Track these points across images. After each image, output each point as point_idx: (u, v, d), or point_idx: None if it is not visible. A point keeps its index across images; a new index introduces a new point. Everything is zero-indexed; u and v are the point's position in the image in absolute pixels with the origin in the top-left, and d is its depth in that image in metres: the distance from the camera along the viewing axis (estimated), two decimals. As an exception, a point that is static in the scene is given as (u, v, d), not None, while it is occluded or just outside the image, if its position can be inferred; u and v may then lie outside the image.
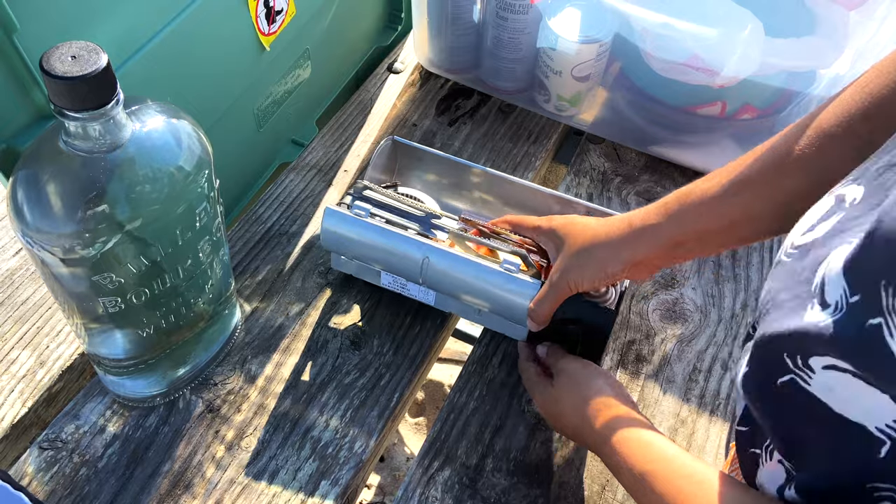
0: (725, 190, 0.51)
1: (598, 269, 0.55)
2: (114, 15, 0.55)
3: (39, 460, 0.59)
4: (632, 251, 0.54)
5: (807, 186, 0.47)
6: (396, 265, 0.64)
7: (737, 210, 0.50)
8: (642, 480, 0.47)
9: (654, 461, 0.48)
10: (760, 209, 0.50)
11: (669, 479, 0.46)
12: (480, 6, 0.84)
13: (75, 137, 0.43)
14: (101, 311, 0.51)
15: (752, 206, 0.50)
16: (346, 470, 0.60)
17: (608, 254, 0.55)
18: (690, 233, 0.52)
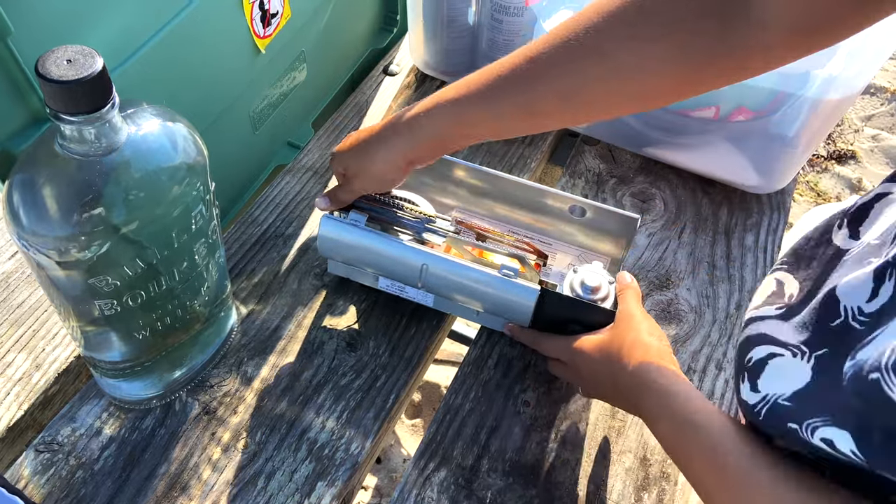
0: (479, 92, 0.55)
1: (387, 185, 0.62)
2: (109, 19, 0.55)
3: (35, 463, 0.59)
4: (405, 153, 0.59)
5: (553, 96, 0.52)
6: (394, 271, 0.65)
7: (487, 111, 0.55)
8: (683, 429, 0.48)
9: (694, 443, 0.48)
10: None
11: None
12: (475, 9, 0.85)
13: (71, 141, 0.44)
14: (97, 313, 0.51)
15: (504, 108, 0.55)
16: (343, 471, 0.61)
17: (391, 172, 0.61)
18: (452, 128, 0.57)
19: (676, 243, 0.80)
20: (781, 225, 0.82)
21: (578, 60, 0.50)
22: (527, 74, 0.53)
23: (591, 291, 0.62)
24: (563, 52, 0.51)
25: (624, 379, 0.54)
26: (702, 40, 0.47)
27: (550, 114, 0.55)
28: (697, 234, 0.81)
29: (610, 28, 0.49)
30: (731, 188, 0.85)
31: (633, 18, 0.48)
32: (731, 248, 0.79)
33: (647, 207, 0.83)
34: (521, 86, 0.53)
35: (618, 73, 0.50)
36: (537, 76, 0.52)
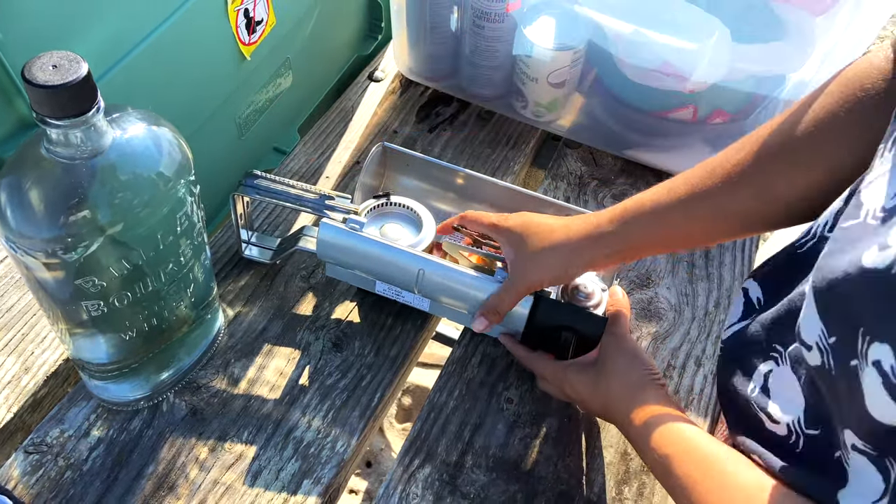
0: (678, 202, 0.54)
1: (559, 269, 0.58)
2: (96, 26, 0.56)
3: (25, 464, 0.60)
4: (591, 254, 0.57)
5: (754, 203, 0.52)
6: (391, 275, 0.66)
7: (684, 221, 0.55)
8: (664, 461, 0.50)
9: (674, 444, 0.50)
10: (711, 221, 0.54)
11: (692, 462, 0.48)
12: (458, 15, 0.86)
13: (57, 144, 0.45)
14: (84, 315, 0.52)
15: (703, 218, 0.54)
16: (329, 469, 0.62)
17: (569, 256, 0.58)
18: (643, 240, 0.56)
19: (657, 243, 0.81)
20: (759, 224, 0.84)
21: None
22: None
23: (585, 298, 0.64)
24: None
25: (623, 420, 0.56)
26: None
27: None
28: (677, 234, 0.82)
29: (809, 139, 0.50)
30: (710, 189, 0.86)
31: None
32: (710, 248, 0.81)
33: (628, 208, 0.84)
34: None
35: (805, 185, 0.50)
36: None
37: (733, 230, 0.56)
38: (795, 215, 0.52)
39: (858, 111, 0.47)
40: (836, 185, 0.48)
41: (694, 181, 0.54)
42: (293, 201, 0.68)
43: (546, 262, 0.59)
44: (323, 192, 0.69)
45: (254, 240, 0.75)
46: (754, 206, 0.52)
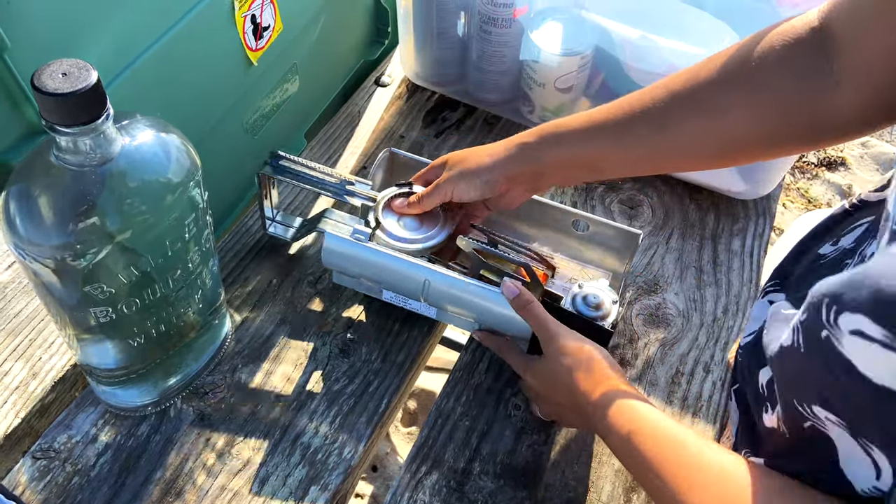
0: (585, 129, 0.59)
1: (483, 189, 0.63)
2: (103, 33, 0.56)
3: (33, 470, 0.60)
4: (512, 166, 0.62)
5: (648, 141, 0.56)
6: (397, 285, 0.66)
7: (589, 145, 0.59)
8: (628, 441, 0.50)
9: (637, 421, 0.50)
10: (611, 149, 0.59)
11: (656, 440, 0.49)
12: (465, 20, 0.86)
13: (66, 152, 0.45)
14: (92, 321, 0.52)
15: (606, 145, 0.58)
16: (336, 475, 0.61)
17: (491, 170, 0.63)
18: (558, 157, 0.60)
19: (664, 249, 0.81)
20: (767, 230, 0.84)
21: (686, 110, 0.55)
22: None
23: (594, 308, 0.63)
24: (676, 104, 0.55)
25: (587, 407, 0.55)
26: (780, 100, 0.51)
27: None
28: (685, 240, 0.82)
29: (712, 84, 0.53)
30: (718, 194, 0.86)
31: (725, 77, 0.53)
32: (718, 253, 0.81)
33: (636, 214, 0.84)
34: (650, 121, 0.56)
35: (712, 125, 0.54)
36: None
37: (632, 161, 0.60)
38: (695, 161, 0.58)
39: (780, 63, 0.50)
40: (745, 138, 0.53)
41: (609, 110, 0.58)
42: (314, 184, 0.70)
43: (471, 181, 0.63)
44: (344, 178, 0.69)
45: (278, 218, 0.76)
46: (658, 143, 0.56)
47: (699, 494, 0.44)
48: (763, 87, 0.50)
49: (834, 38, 0.47)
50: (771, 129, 0.52)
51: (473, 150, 0.65)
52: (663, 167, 0.69)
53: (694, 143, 0.55)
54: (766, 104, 0.51)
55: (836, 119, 0.49)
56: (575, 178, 0.66)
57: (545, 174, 0.62)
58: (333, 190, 0.69)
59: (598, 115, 0.59)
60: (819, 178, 2.09)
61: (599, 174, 0.68)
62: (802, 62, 0.48)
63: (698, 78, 0.53)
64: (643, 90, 0.57)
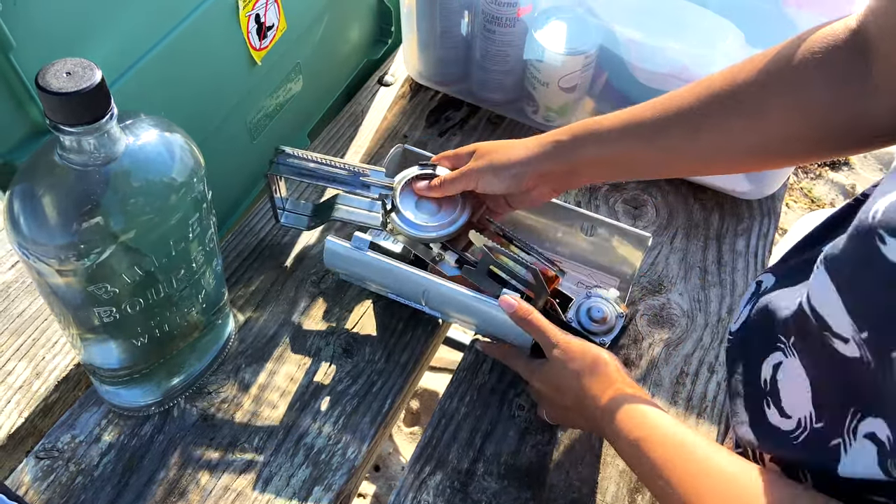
0: (620, 129, 0.58)
1: (510, 182, 0.62)
2: (108, 33, 0.56)
3: (36, 469, 0.60)
4: (545, 164, 0.61)
5: (684, 142, 0.56)
6: (399, 291, 0.67)
7: (622, 151, 0.58)
8: (637, 447, 0.49)
9: (646, 427, 0.50)
10: (644, 154, 0.58)
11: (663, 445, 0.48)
12: (468, 20, 0.86)
13: (70, 151, 0.45)
14: (96, 321, 0.52)
15: (638, 147, 0.58)
16: (339, 475, 0.61)
17: (520, 169, 0.62)
18: (592, 157, 0.60)
19: (668, 249, 0.81)
20: (772, 230, 0.84)
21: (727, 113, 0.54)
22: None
23: (598, 322, 0.63)
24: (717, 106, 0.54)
25: (593, 411, 0.55)
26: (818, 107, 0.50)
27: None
28: (689, 240, 0.82)
29: (752, 85, 0.52)
30: (722, 194, 0.86)
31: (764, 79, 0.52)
32: (723, 254, 0.81)
33: (639, 214, 0.84)
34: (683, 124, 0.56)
35: (751, 126, 0.53)
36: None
37: (666, 162, 0.60)
38: (732, 163, 0.58)
39: (819, 66, 0.49)
40: (784, 140, 0.52)
41: (644, 110, 0.57)
42: (326, 179, 0.68)
43: (501, 174, 0.62)
44: (356, 168, 0.68)
45: (288, 206, 0.74)
46: (694, 144, 0.56)
47: (708, 501, 0.44)
48: (802, 90, 0.50)
49: (871, 43, 0.46)
50: (809, 132, 0.51)
51: (505, 143, 0.64)
52: (698, 169, 0.68)
53: (731, 144, 0.54)
54: (805, 106, 0.50)
55: (874, 123, 0.48)
56: (606, 178, 0.65)
57: (576, 173, 0.62)
58: (347, 182, 0.68)
59: (633, 115, 0.58)
60: (822, 178, 2.08)
61: (632, 174, 0.67)
62: (842, 66, 0.48)
63: (737, 79, 0.53)
64: (679, 90, 0.56)
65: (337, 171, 0.68)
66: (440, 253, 0.66)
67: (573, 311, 0.63)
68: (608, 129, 0.59)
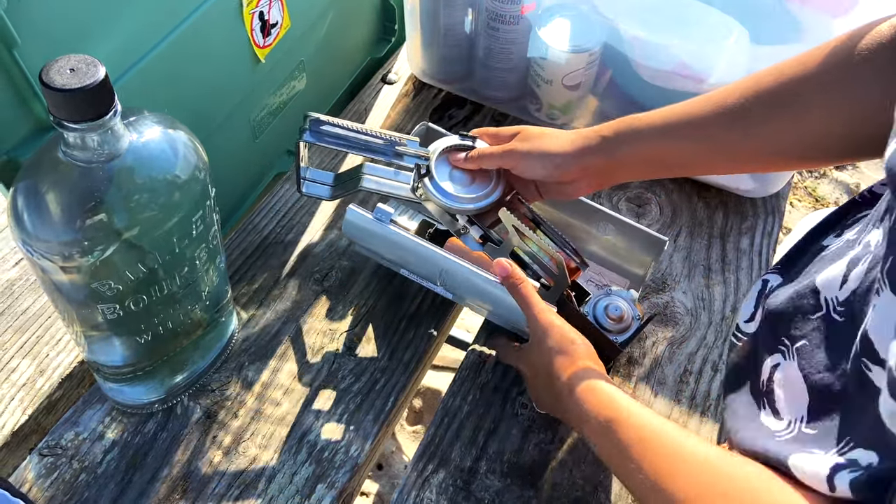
0: (664, 125, 0.58)
1: (551, 171, 0.62)
2: (112, 29, 0.56)
3: (39, 467, 0.60)
4: (586, 159, 0.61)
5: (729, 138, 0.55)
6: (416, 269, 0.66)
7: (665, 148, 0.58)
8: (608, 428, 0.50)
9: (618, 409, 0.50)
10: (688, 150, 0.58)
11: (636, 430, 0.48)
12: (472, 17, 0.86)
13: (74, 148, 0.45)
14: (99, 318, 0.52)
15: (682, 144, 0.57)
16: (342, 473, 0.61)
17: (564, 159, 0.61)
18: (635, 153, 0.59)
19: (672, 247, 0.80)
20: (776, 228, 0.83)
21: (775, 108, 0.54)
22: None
23: (615, 320, 0.62)
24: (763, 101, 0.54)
25: (565, 396, 0.55)
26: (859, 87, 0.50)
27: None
28: (693, 238, 0.81)
29: (798, 82, 0.52)
30: (726, 192, 0.85)
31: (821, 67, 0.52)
32: (727, 252, 0.80)
33: (643, 212, 0.84)
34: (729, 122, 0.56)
35: (796, 124, 0.53)
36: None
37: (709, 159, 0.59)
38: (775, 161, 0.57)
39: (866, 64, 0.48)
40: (827, 138, 0.51)
41: (688, 106, 0.57)
42: (360, 148, 0.66)
43: (544, 163, 0.62)
44: (391, 137, 0.66)
45: (309, 175, 0.71)
46: (737, 142, 0.55)
47: (682, 482, 0.43)
48: (848, 87, 0.49)
49: None
50: (854, 130, 0.51)
51: (551, 131, 0.63)
52: (741, 167, 0.66)
53: (776, 142, 0.54)
54: (851, 105, 0.50)
55: None
56: (647, 175, 0.65)
57: (618, 169, 0.61)
58: (381, 152, 0.66)
59: (678, 111, 0.58)
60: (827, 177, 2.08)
61: (674, 171, 0.67)
62: (889, 64, 0.47)
63: (783, 75, 0.52)
64: (725, 87, 0.56)
65: (372, 140, 0.66)
66: (465, 226, 0.65)
67: (590, 305, 0.63)
68: (653, 125, 0.58)
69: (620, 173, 0.63)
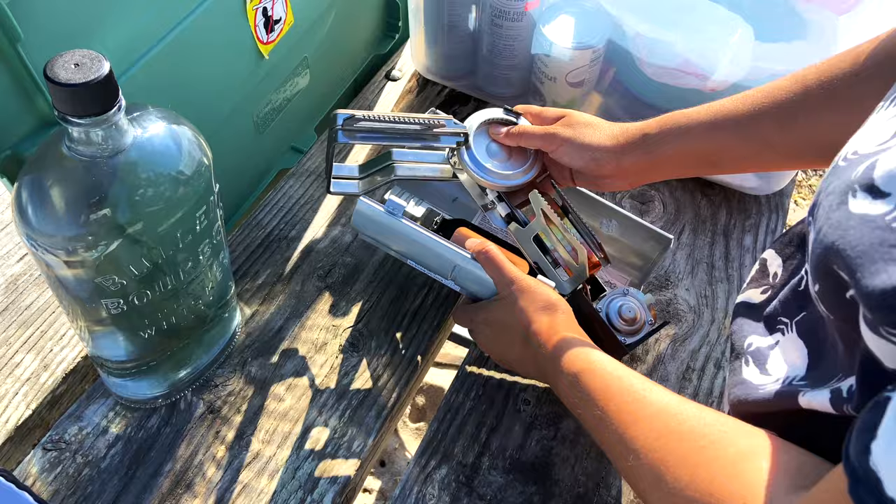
0: (710, 121, 0.57)
1: (589, 163, 0.62)
2: (116, 24, 0.56)
3: (43, 461, 0.60)
4: (628, 157, 0.61)
5: (776, 134, 0.55)
6: (426, 263, 0.65)
7: (712, 145, 0.58)
8: (576, 379, 0.50)
9: (589, 362, 0.51)
10: (734, 146, 0.57)
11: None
12: (476, 14, 0.86)
13: (78, 143, 0.45)
14: (103, 313, 0.52)
15: (728, 140, 0.57)
16: (345, 469, 0.61)
17: (603, 155, 0.61)
18: (678, 149, 0.59)
19: (675, 244, 0.80)
20: (780, 226, 0.83)
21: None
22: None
23: (627, 321, 0.62)
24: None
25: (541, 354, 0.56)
26: None
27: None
28: (696, 235, 0.81)
29: (847, 76, 0.52)
30: (730, 190, 0.85)
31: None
32: (730, 249, 0.80)
33: (647, 209, 0.84)
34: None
35: (846, 119, 0.51)
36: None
37: (755, 156, 0.58)
38: (825, 158, 0.53)
39: None
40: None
41: (734, 102, 0.57)
42: (396, 138, 0.64)
43: (584, 154, 0.61)
44: (426, 120, 0.64)
45: (334, 172, 0.68)
46: (786, 138, 0.55)
47: (644, 428, 0.44)
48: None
49: None
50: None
51: (596, 121, 0.63)
52: (788, 163, 0.65)
53: (822, 137, 0.53)
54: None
55: None
56: (684, 173, 0.65)
57: (657, 168, 0.61)
58: (419, 137, 0.64)
59: (724, 107, 0.57)
60: (831, 176, 2.07)
61: (717, 169, 0.67)
62: None
63: (832, 70, 0.52)
64: (772, 83, 0.56)
65: (408, 127, 0.63)
66: (493, 201, 0.65)
67: (604, 302, 0.63)
68: (698, 121, 0.58)
69: (658, 172, 0.62)
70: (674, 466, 0.41)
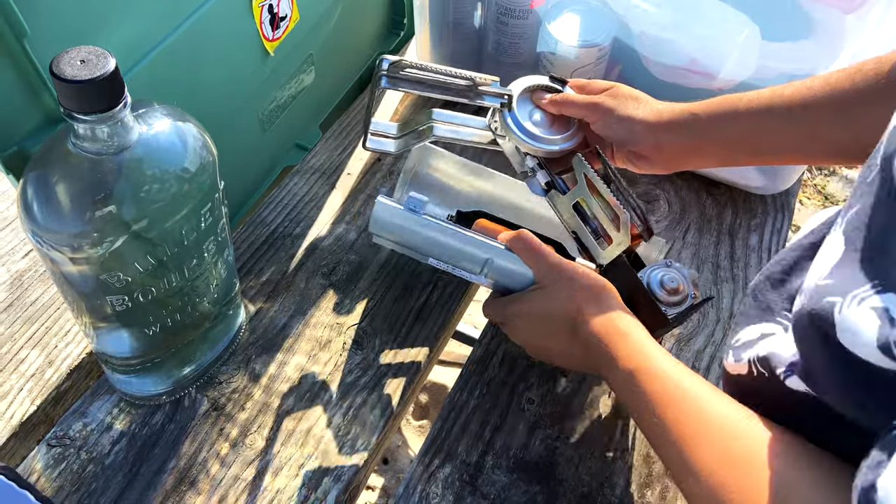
0: (763, 107, 0.56)
1: (626, 136, 0.61)
2: (122, 21, 0.56)
3: (47, 457, 0.60)
4: (660, 136, 0.60)
5: (830, 124, 0.53)
6: (455, 260, 0.63)
7: (761, 130, 0.56)
8: (631, 378, 0.49)
9: (646, 359, 0.49)
10: (784, 133, 0.56)
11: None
12: (481, 11, 0.86)
13: (84, 139, 0.45)
14: (108, 309, 0.52)
15: (778, 128, 0.56)
16: (348, 467, 0.61)
17: (644, 134, 0.61)
18: (720, 135, 0.58)
19: (681, 244, 0.80)
20: (786, 226, 0.83)
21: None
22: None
23: (670, 292, 0.59)
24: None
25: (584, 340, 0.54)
26: None
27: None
28: (702, 235, 0.81)
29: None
30: (736, 189, 0.85)
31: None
32: (736, 249, 0.80)
33: (652, 208, 0.83)
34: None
35: None
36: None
37: (803, 146, 0.57)
38: (856, 151, 0.52)
39: None
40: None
41: (787, 90, 0.55)
42: (440, 90, 0.63)
43: (624, 127, 0.61)
44: (472, 77, 0.63)
45: (372, 128, 0.68)
46: (827, 128, 0.54)
47: (706, 449, 0.42)
48: None
49: None
50: None
51: (644, 97, 0.63)
52: (837, 157, 0.62)
53: (877, 131, 0.53)
54: None
55: None
56: (723, 162, 0.63)
57: (699, 152, 0.60)
58: (463, 93, 0.63)
59: (777, 93, 0.56)
60: (836, 175, 2.07)
61: (761, 157, 0.65)
62: None
63: (892, 59, 0.51)
64: (825, 74, 0.54)
65: (454, 81, 0.62)
66: (533, 169, 0.63)
67: (645, 272, 0.60)
68: (750, 106, 0.57)
69: (697, 157, 0.61)
70: (736, 494, 0.40)
